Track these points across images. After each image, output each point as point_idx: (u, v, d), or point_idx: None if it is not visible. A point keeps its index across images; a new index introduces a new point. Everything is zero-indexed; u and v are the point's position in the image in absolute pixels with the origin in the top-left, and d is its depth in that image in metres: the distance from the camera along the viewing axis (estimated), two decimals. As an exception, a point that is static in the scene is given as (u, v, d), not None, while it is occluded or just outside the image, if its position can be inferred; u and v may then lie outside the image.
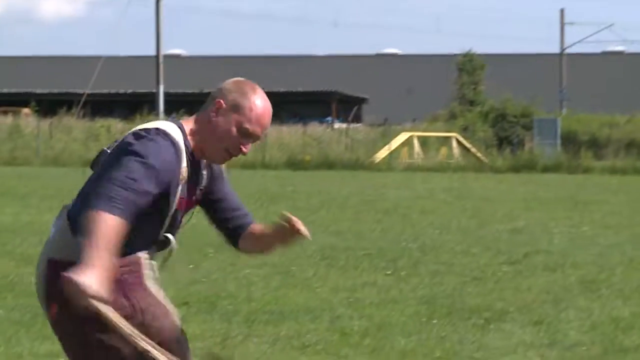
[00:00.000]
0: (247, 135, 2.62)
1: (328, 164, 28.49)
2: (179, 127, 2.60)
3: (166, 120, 2.77)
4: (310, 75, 52.21)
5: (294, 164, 28.36)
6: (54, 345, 4.14)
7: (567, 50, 50.29)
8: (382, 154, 29.65)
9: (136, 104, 37.35)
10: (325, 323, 6.41)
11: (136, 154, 2.42)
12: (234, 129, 2.59)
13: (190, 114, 2.92)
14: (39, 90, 43.42)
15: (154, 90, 31.79)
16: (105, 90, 44.67)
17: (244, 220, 2.80)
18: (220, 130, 2.59)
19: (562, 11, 51.86)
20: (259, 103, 2.65)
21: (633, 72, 59.07)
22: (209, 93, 2.76)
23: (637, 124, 34.19)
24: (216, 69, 44.30)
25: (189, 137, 2.59)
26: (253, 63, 55.52)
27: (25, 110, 34.28)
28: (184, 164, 2.52)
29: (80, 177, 4.50)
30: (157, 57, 35.28)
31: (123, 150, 2.49)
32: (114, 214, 2.31)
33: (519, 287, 8.21)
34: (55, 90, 43.59)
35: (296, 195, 18.86)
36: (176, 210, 2.61)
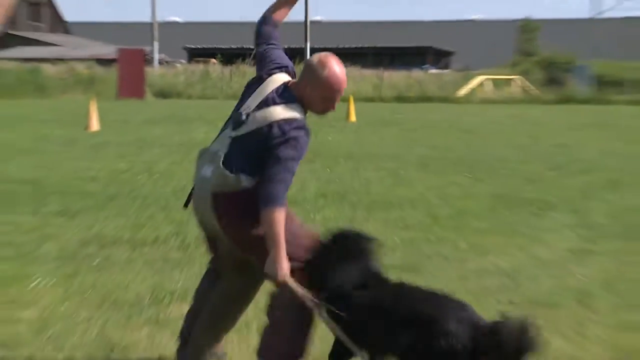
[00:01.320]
0: (332, 100, 3.29)
1: (425, 99, 34.40)
2: (300, 104, 3.23)
3: (289, 89, 3.27)
4: (414, 36, 63.23)
5: (402, 99, 34.68)
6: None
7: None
8: (463, 91, 35.81)
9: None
10: (422, 210, 7.87)
11: (292, 158, 3.11)
12: (321, 99, 3.27)
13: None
14: (223, 46, 51.59)
15: (302, 46, 35.76)
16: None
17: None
18: (314, 101, 3.27)
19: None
20: (333, 75, 3.21)
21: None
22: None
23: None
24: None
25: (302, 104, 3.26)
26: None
27: (213, 60, 41.77)
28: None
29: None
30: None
31: (283, 151, 3.10)
32: (283, 207, 3.05)
33: (562, 186, 9.79)
34: (234, 46, 51.15)
35: (402, 120, 22.01)
36: None
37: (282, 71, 3.34)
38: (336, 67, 3.27)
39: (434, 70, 46.90)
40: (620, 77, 37.29)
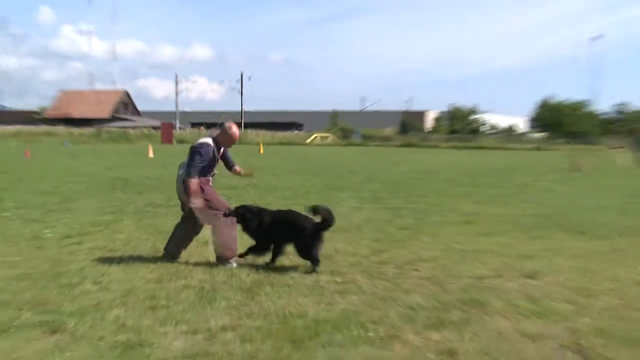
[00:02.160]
0: (232, 142, 7.63)
1: (291, 143, 68.32)
2: (213, 139, 7.47)
3: (209, 136, 7.54)
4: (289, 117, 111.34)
5: (283, 143, 68.05)
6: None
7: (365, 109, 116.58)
8: (308, 140, 72.57)
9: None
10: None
11: (199, 153, 7.28)
12: (227, 141, 7.59)
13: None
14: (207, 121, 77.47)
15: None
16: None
17: (231, 164, 7.68)
18: (226, 141, 7.57)
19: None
20: (235, 131, 7.55)
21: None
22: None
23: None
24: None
25: (216, 141, 7.48)
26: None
27: (202, 127, 68.07)
28: (214, 150, 7.38)
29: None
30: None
31: (194, 150, 7.30)
32: (196, 177, 7.27)
33: (350, 180, 18.53)
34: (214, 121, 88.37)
35: (284, 154, 37.38)
36: (215, 161, 7.44)
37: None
38: (234, 128, 7.52)
39: (296, 132, 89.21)
40: (374, 136, 79.82)
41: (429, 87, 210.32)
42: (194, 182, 7.25)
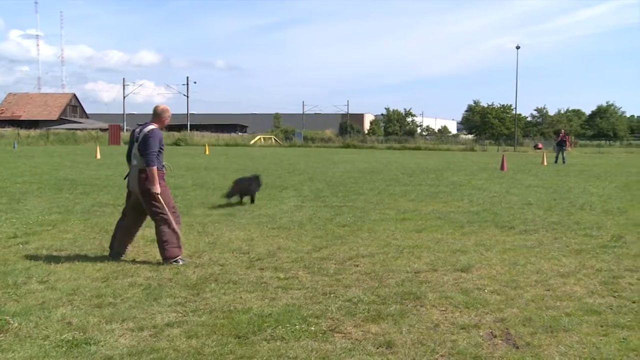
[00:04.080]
0: (167, 119, 7.45)
1: (236, 145, 67.98)
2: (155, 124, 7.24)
3: (148, 123, 7.23)
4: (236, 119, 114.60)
5: (228, 145, 67.90)
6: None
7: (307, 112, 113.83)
8: (252, 142, 73.21)
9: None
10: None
11: (155, 139, 7.06)
12: (165, 121, 7.46)
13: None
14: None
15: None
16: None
17: None
18: (164, 123, 7.42)
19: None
20: (169, 109, 7.47)
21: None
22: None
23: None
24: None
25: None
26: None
27: None
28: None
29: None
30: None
31: (148, 138, 7.01)
32: (155, 166, 7.03)
33: (290, 179, 18.55)
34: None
35: (229, 154, 36.55)
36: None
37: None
38: (167, 107, 7.46)
39: (240, 134, 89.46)
40: (314, 137, 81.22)
41: (367, 91, 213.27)
42: (155, 170, 7.06)
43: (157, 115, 7.42)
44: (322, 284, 6.38)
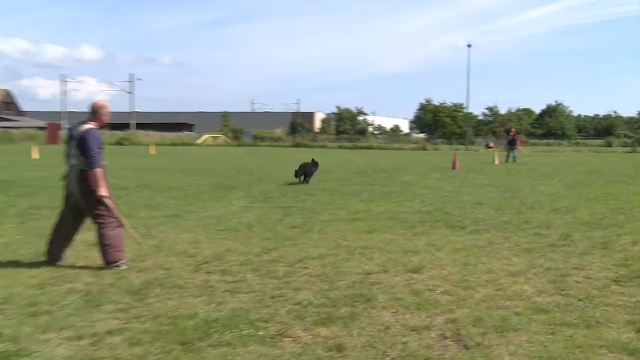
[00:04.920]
0: (106, 115, 7.16)
1: (185, 145, 66.69)
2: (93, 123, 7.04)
3: (85, 122, 6.97)
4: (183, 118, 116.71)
5: (174, 145, 66.49)
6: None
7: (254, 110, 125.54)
8: (199, 141, 70.91)
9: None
10: (182, 191, 17.19)
11: (96, 139, 6.87)
12: (105, 118, 7.18)
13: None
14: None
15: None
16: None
17: None
18: (103, 119, 7.15)
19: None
20: (109, 105, 7.18)
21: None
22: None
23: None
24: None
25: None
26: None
27: None
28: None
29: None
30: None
31: (86, 139, 6.79)
32: (100, 168, 6.88)
33: (233, 179, 18.87)
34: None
35: (178, 154, 36.77)
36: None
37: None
38: (106, 103, 7.22)
39: (187, 133, 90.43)
40: (264, 136, 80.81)
41: (318, 89, 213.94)
42: (101, 172, 6.92)
43: (94, 112, 7.22)
44: (271, 287, 6.35)
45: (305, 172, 19.02)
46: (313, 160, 19.95)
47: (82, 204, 7.09)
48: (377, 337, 4.91)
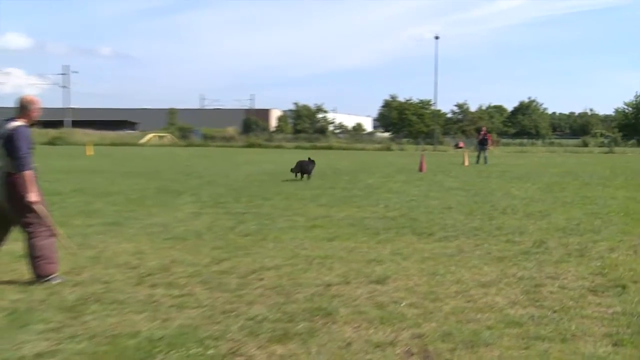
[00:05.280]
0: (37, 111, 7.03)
1: (124, 144, 67.15)
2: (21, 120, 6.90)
3: (13, 119, 6.81)
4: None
5: (115, 144, 66.64)
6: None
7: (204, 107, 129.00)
8: (143, 140, 72.08)
9: None
10: (123, 196, 17.19)
11: (25, 138, 6.71)
12: (35, 114, 7.02)
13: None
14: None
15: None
16: None
17: None
18: (33, 116, 7.00)
19: None
20: (38, 100, 7.02)
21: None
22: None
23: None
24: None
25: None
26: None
27: None
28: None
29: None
30: None
31: (13, 138, 6.64)
32: (30, 170, 6.75)
33: (188, 182, 18.69)
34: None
35: (115, 155, 36.81)
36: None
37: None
38: (36, 98, 7.03)
39: (129, 131, 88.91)
40: (215, 135, 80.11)
41: (273, 84, 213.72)
42: (31, 175, 6.78)
43: (22, 108, 7.04)
44: (222, 301, 6.30)
45: (302, 169, 21.47)
46: (309, 158, 22.28)
47: (8, 211, 6.92)
48: (338, 354, 4.91)
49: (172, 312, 5.96)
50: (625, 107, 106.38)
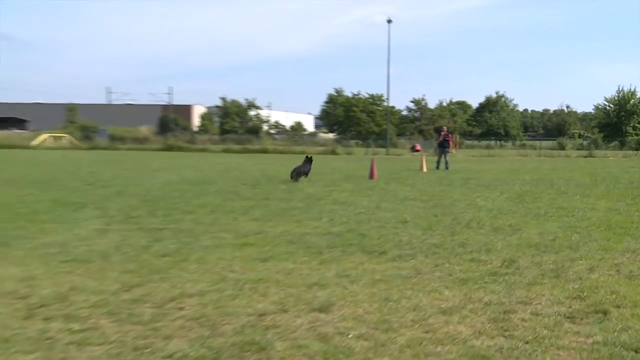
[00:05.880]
0: None
1: (11, 146, 67.15)
2: None
3: None
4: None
5: None
6: None
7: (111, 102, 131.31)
8: (35, 142, 71.25)
9: None
10: (9, 210, 16.81)
11: None
12: None
13: None
14: None
15: None
16: None
17: None
18: None
19: None
20: None
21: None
22: None
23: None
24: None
25: None
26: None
27: None
28: None
29: None
30: None
31: None
32: None
33: (92, 194, 18.35)
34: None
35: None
36: None
37: None
38: None
39: (18, 131, 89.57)
40: (125, 136, 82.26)
41: (195, 75, 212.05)
42: None
43: None
44: (133, 336, 6.23)
45: (299, 173, 25.89)
46: (307, 156, 27.18)
47: None
48: (273, 397, 4.89)
49: (71, 350, 5.86)
50: (607, 103, 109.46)
